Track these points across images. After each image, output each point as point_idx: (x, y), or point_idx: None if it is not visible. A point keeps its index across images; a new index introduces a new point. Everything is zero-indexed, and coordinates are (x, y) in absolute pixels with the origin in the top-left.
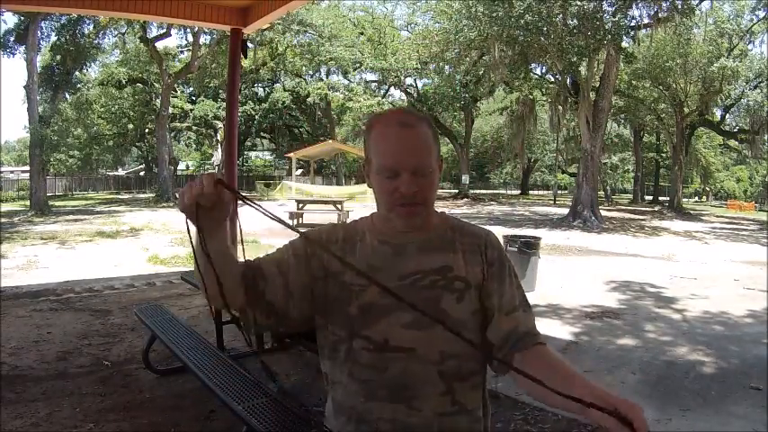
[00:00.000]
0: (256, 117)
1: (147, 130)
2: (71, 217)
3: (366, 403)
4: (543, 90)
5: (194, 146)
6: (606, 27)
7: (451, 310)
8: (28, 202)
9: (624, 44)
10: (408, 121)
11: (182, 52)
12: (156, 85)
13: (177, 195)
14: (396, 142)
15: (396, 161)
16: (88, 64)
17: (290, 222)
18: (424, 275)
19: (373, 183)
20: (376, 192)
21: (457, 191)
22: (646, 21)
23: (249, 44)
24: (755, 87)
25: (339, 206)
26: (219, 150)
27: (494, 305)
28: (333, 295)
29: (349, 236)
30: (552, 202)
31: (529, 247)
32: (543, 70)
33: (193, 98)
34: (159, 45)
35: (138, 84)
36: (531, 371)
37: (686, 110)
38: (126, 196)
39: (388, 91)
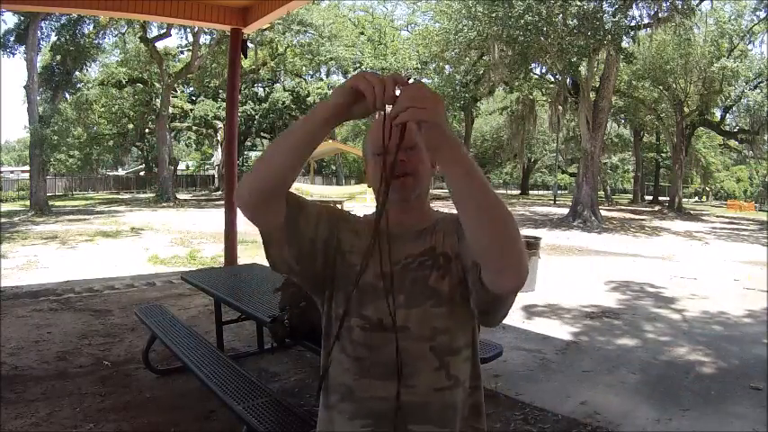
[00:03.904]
0: (256, 117)
1: (147, 130)
2: (71, 217)
3: (359, 380)
4: (543, 90)
5: (194, 146)
6: (606, 27)
7: (438, 285)
8: (28, 202)
9: (624, 44)
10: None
11: (182, 52)
12: (157, 85)
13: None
14: (381, 124)
15: (381, 138)
16: (88, 64)
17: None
18: (414, 258)
19: (368, 169)
20: (371, 176)
21: None
22: (646, 21)
23: (249, 44)
24: (755, 87)
25: (339, 206)
26: (219, 150)
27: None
28: (340, 272)
29: (358, 224)
30: (552, 202)
31: (529, 247)
32: (543, 70)
33: (193, 98)
34: (159, 45)
35: (138, 84)
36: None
37: (686, 110)
38: (126, 196)
39: None
